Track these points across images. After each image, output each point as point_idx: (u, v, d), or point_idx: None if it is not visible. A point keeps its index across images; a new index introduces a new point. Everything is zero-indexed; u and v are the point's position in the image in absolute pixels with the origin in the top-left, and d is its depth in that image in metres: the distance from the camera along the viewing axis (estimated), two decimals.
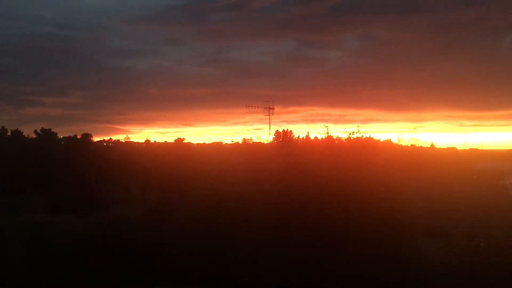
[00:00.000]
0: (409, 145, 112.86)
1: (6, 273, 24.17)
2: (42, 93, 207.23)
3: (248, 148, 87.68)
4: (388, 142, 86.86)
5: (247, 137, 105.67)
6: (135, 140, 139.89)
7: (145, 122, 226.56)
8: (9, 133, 75.22)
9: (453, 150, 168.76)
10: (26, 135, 76.58)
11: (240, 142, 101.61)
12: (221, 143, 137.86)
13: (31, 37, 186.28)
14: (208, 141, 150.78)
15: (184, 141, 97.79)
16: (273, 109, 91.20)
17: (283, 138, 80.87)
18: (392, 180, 31.18)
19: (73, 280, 24.21)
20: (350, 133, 35.75)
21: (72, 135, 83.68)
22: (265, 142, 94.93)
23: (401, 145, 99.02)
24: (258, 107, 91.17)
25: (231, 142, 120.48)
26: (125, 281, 25.04)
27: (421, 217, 36.57)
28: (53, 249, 24.93)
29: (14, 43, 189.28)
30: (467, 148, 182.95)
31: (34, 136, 76.22)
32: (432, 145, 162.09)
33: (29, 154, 68.21)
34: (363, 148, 36.96)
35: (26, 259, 24.67)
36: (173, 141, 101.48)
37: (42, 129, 76.50)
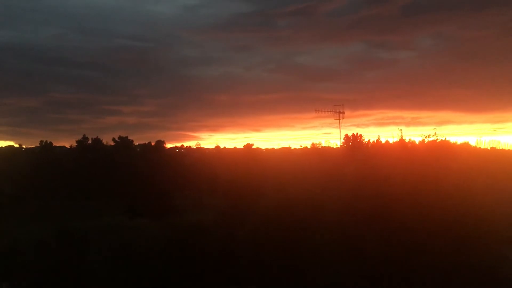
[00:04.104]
0: (489, 148, 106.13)
1: (88, 274, 25.50)
2: (120, 102, 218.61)
3: (317, 153, 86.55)
4: (466, 145, 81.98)
5: (316, 141, 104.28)
6: (205, 146, 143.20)
7: (215, 128, 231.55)
8: (90, 141, 79.70)
9: None
10: (105, 143, 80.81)
11: (309, 147, 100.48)
12: (289, 148, 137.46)
13: (109, 50, 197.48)
14: (276, 146, 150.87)
15: (253, 147, 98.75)
16: (343, 113, 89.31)
17: (353, 142, 78.94)
18: (472, 185, 29.33)
19: (149, 282, 25.08)
20: (425, 136, 34.30)
21: (147, 142, 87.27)
22: (334, 147, 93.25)
23: (480, 148, 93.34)
24: (328, 111, 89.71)
25: (299, 147, 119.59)
26: (198, 284, 25.55)
27: (506, 225, 34.13)
28: (132, 252, 25.95)
29: (95, 56, 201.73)
30: None
31: (112, 143, 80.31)
32: None
33: (108, 161, 71.97)
34: (439, 152, 35.27)
35: (107, 260, 25.89)
36: (242, 146, 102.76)
37: (119, 137, 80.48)
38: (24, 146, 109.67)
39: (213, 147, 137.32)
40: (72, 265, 25.76)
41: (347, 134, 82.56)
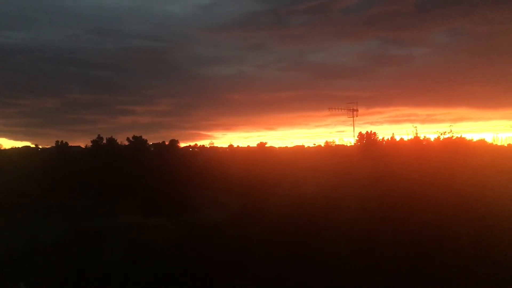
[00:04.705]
0: (506, 145, 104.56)
1: (104, 273, 25.72)
2: (133, 102, 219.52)
3: (330, 151, 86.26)
4: (482, 142, 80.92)
5: (330, 139, 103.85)
6: (219, 145, 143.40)
7: (229, 127, 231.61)
8: (104, 141, 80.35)
9: None
10: (119, 142, 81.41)
11: (323, 145, 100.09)
12: (303, 146, 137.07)
13: (123, 50, 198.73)
14: (290, 145, 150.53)
15: (266, 145, 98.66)
16: (356, 110, 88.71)
17: (367, 140, 78.44)
18: (489, 183, 28.96)
19: (164, 281, 25.22)
20: (440, 133, 33.98)
21: (160, 142, 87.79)
22: (348, 145, 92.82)
23: (496, 144, 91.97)
24: (341, 109, 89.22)
25: (313, 145, 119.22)
26: (212, 283, 25.62)
27: None
28: (147, 251, 26.13)
29: (109, 56, 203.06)
30: None
31: (126, 143, 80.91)
32: None
33: (122, 160, 72.53)
34: (455, 149, 34.93)
35: (122, 259, 26.10)
36: (255, 145, 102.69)
37: (133, 137, 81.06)
38: (40, 146, 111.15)
39: (227, 146, 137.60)
40: (88, 264, 26.02)
41: (361, 132, 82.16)
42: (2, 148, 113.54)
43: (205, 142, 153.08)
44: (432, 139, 46.00)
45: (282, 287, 24.33)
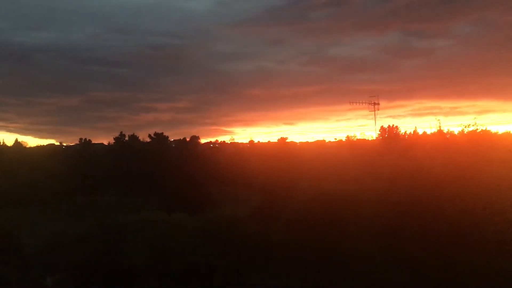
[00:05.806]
0: None
1: (128, 267, 26.09)
2: (155, 99, 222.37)
3: (352, 146, 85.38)
4: (508, 134, 79.08)
5: (351, 134, 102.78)
6: (239, 141, 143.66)
7: (249, 122, 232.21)
8: (126, 138, 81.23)
9: None
10: (141, 139, 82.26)
11: (344, 140, 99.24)
12: (324, 141, 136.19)
13: (144, 48, 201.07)
14: (311, 140, 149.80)
15: (287, 140, 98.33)
16: (378, 104, 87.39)
17: (389, 134, 77.43)
18: None
19: (186, 274, 25.47)
20: (465, 126, 33.30)
21: (181, 138, 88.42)
22: (369, 139, 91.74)
23: None
24: (362, 103, 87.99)
25: (334, 140, 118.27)
26: (234, 276, 25.76)
27: None
28: (170, 245, 26.39)
29: (130, 54, 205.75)
30: None
31: (148, 140, 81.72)
32: None
33: (144, 157, 73.33)
34: (480, 142, 34.21)
35: (145, 254, 26.42)
36: (276, 140, 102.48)
37: (155, 133, 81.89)
38: (64, 144, 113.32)
39: (247, 142, 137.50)
40: (112, 259, 26.42)
41: (382, 125, 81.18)
42: (27, 147, 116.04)
43: (226, 138, 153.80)
44: (456, 132, 45.16)
45: (304, 281, 24.29)
